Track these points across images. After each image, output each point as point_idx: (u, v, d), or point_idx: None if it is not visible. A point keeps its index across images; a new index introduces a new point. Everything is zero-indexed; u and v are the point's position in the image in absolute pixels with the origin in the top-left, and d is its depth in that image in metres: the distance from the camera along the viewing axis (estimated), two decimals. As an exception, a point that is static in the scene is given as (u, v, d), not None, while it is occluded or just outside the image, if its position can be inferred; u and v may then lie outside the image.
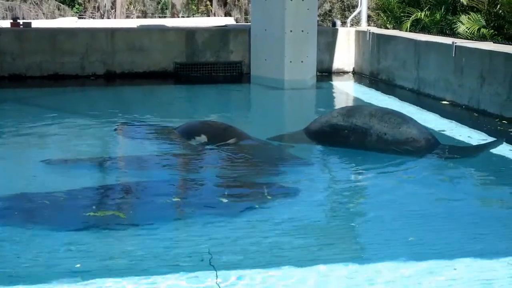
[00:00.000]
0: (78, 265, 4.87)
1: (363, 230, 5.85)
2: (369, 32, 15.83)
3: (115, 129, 9.78)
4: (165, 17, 40.13)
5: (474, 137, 9.22)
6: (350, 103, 13.82)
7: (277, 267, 4.83)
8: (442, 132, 9.45)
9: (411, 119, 8.63)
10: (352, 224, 6.04)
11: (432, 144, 8.28)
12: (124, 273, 4.70)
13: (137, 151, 8.51)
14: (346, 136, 8.44)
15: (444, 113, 10.97)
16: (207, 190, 6.89)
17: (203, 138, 8.68)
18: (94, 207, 6.11)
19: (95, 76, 15.29)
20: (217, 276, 4.64)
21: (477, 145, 8.69)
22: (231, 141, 8.52)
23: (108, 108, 12.10)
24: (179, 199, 6.48)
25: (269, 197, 6.45)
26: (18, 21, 17.02)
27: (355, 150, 8.31)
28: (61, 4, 41.60)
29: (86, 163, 7.75)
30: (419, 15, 16.63)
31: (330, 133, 8.64)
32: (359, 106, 9.89)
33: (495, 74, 10.65)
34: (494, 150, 8.31)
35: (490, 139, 8.92)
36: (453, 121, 10.33)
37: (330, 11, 33.24)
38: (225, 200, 6.39)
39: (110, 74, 15.43)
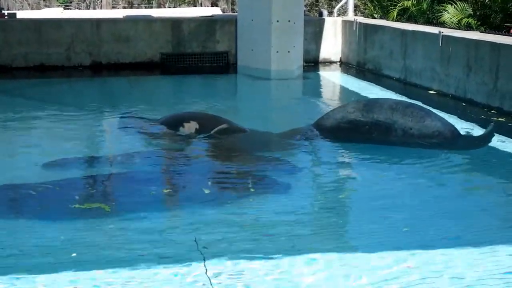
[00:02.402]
0: (74, 254, 4.88)
1: (352, 219, 5.89)
2: (356, 22, 15.83)
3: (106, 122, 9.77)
4: (151, 7, 39.92)
5: (462, 126, 9.24)
6: (338, 93, 13.86)
7: (266, 257, 4.84)
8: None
9: (431, 111, 8.57)
10: (342, 214, 6.09)
11: (456, 136, 8.27)
12: (112, 264, 4.70)
13: (123, 142, 8.47)
14: (367, 132, 8.22)
15: (431, 103, 10.98)
16: (194, 181, 6.87)
17: (191, 128, 8.64)
18: (79, 198, 6.10)
19: (81, 67, 15.21)
20: (205, 266, 4.64)
21: (486, 133, 8.67)
22: (220, 127, 8.48)
23: (94, 99, 12.06)
24: (165, 191, 6.47)
25: (252, 190, 6.45)
26: (3, 11, 16.87)
27: (379, 146, 8.12)
28: (46, -5, 41.30)
29: (71, 155, 7.71)
30: (405, 4, 16.63)
31: (348, 129, 8.37)
32: (375, 100, 9.49)
33: (482, 63, 10.70)
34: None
35: (481, 128, 8.97)
36: (441, 111, 10.32)
37: (316, 1, 33.16)
38: (210, 191, 6.38)
39: (96, 65, 15.34)
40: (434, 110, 10.19)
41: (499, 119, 9.64)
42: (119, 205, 6.06)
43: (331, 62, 16.83)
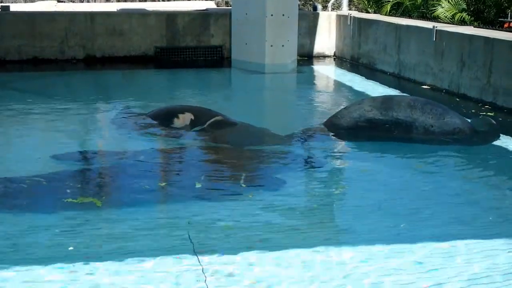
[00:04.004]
0: (71, 248, 4.88)
1: (345, 214, 5.89)
2: (350, 16, 15.82)
3: (99, 116, 9.75)
4: (145, 0, 39.81)
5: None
6: (332, 87, 13.86)
7: (260, 251, 4.85)
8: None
9: (447, 107, 8.59)
10: (334, 208, 6.11)
11: (474, 132, 8.33)
12: (106, 258, 4.71)
13: (117, 136, 8.46)
14: (388, 130, 8.18)
15: (425, 98, 10.99)
16: (188, 175, 6.85)
17: (186, 120, 8.61)
18: (72, 193, 6.09)
19: (75, 60, 15.17)
20: (199, 260, 4.65)
21: (494, 127, 8.75)
22: (215, 119, 8.48)
23: (88, 92, 12.02)
24: (159, 185, 6.46)
25: (243, 185, 6.45)
26: (-4, 4, 16.81)
27: (401, 143, 8.04)
28: (40, -12, 41.09)
29: (64, 149, 7.68)
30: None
31: (367, 128, 8.29)
32: (391, 97, 9.28)
33: (475, 58, 10.72)
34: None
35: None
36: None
37: (311, -5, 33.12)
38: (204, 186, 6.37)
39: (90, 58, 15.31)
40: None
41: (488, 113, 9.69)
42: (113, 199, 6.08)
43: (325, 57, 16.83)
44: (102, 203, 5.85)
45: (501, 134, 8.46)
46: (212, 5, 27.26)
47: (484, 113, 9.66)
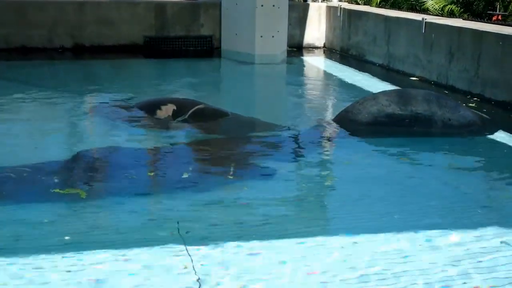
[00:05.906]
0: (68, 237, 4.88)
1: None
2: (340, 8, 15.82)
3: (86, 106, 9.72)
4: (135, -11, 39.58)
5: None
6: (322, 78, 13.84)
7: (249, 242, 4.87)
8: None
9: (454, 100, 8.62)
10: (322, 197, 6.13)
11: (485, 124, 8.37)
12: (96, 247, 4.71)
13: (103, 127, 8.42)
14: (408, 125, 8.08)
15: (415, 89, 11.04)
16: (174, 166, 6.83)
17: (168, 111, 8.60)
18: (59, 183, 6.08)
19: (63, 49, 15.09)
20: (188, 251, 4.66)
21: (485, 119, 8.77)
22: (197, 107, 8.48)
23: (76, 82, 11.96)
24: (149, 175, 6.46)
25: (230, 177, 6.44)
26: (-16, -8, 16.66)
27: (421, 138, 7.96)
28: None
29: (51, 139, 7.66)
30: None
31: (387, 124, 8.14)
32: (407, 91, 9.00)
33: (464, 50, 10.75)
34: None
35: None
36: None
37: (301, -15, 33.02)
38: (191, 176, 6.37)
39: (79, 47, 15.23)
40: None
41: (469, 104, 9.73)
42: (100, 190, 6.06)
43: (315, 48, 16.83)
44: (92, 194, 5.83)
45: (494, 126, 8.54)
46: (202, -6, 27.13)
47: (465, 105, 9.64)
